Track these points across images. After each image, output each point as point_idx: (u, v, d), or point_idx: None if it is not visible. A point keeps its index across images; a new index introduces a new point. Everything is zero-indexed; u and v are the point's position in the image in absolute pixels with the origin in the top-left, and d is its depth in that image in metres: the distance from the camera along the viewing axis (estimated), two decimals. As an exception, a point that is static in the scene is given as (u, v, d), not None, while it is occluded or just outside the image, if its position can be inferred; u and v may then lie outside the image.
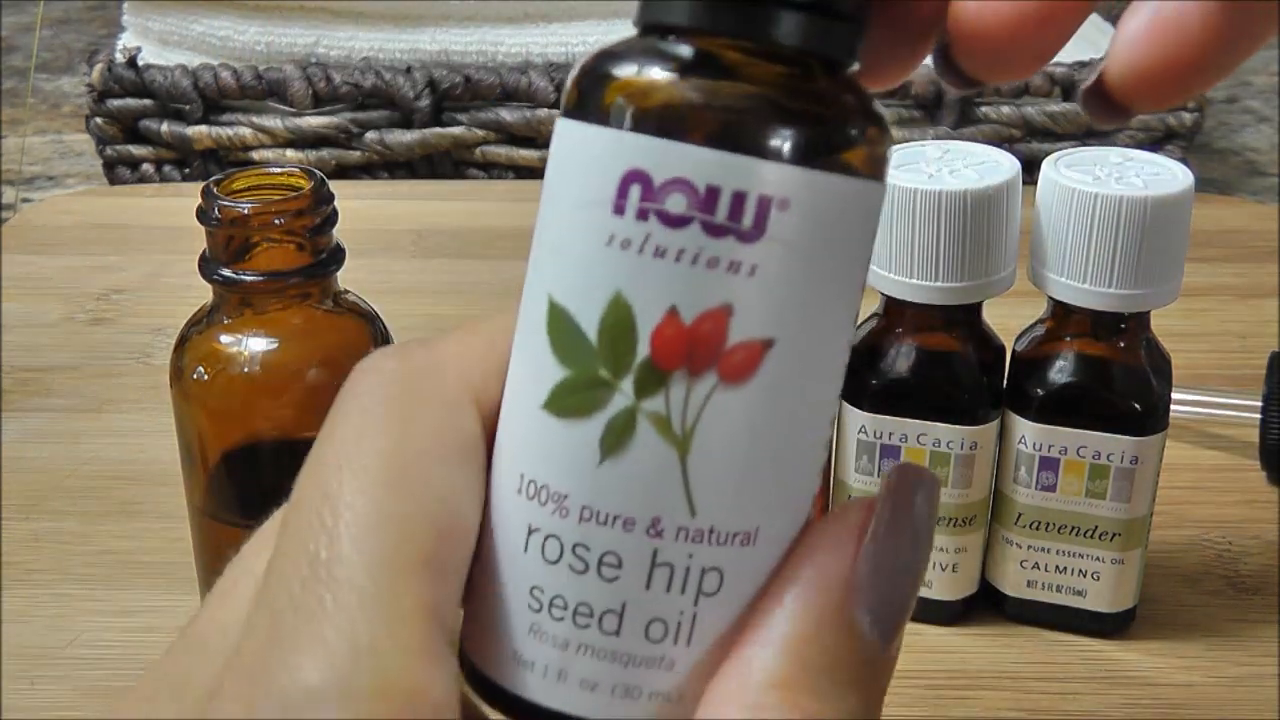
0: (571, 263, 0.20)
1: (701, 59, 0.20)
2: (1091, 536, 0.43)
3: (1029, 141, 0.81)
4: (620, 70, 0.20)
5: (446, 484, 0.21)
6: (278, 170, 0.38)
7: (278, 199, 0.37)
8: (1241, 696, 0.42)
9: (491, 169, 0.84)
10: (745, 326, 0.20)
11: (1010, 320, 0.44)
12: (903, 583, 0.21)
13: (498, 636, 0.21)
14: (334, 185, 0.38)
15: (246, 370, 0.38)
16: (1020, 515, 0.43)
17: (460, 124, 0.83)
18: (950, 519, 0.43)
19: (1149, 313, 0.42)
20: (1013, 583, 0.44)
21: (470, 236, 0.75)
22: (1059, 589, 0.44)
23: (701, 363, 0.20)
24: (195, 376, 0.38)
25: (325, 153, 0.83)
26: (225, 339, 0.38)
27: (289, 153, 0.83)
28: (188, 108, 0.83)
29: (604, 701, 0.21)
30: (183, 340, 0.39)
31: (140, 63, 0.84)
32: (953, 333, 0.42)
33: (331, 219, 0.38)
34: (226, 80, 0.82)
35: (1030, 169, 0.41)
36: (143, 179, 0.86)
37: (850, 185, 0.20)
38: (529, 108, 0.82)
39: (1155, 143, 0.82)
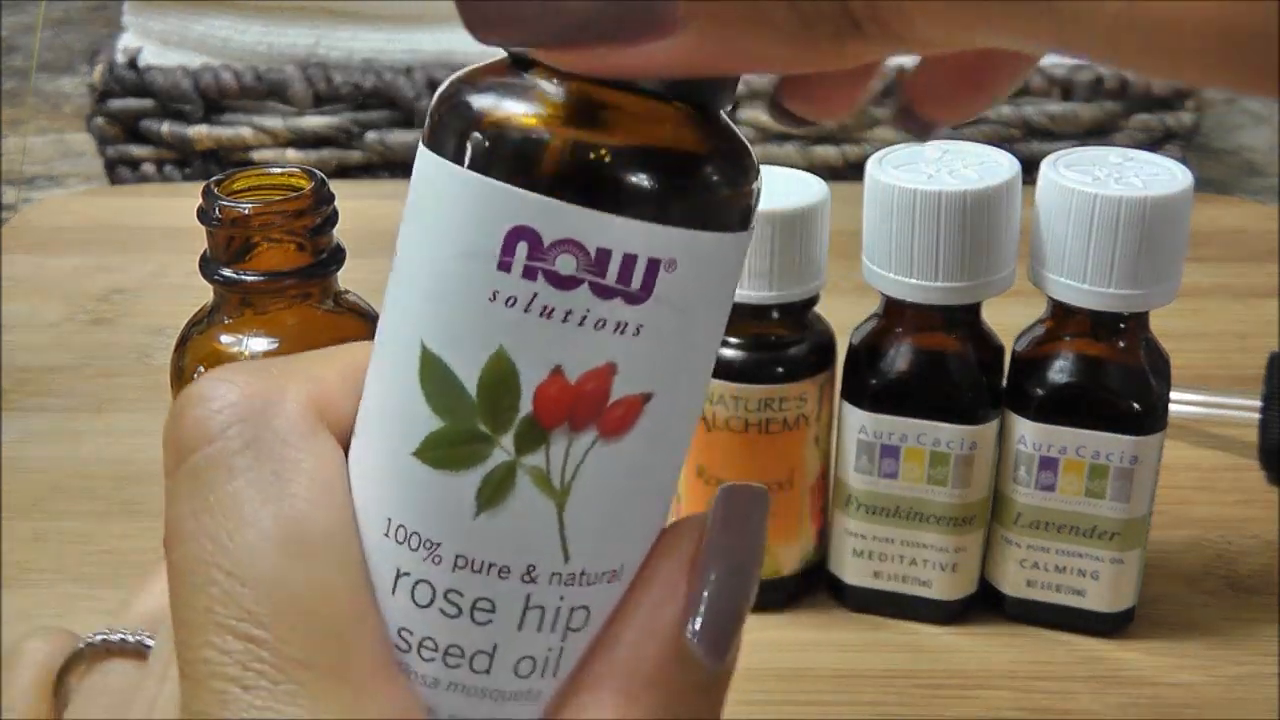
0: (448, 313, 0.20)
1: (581, 103, 0.19)
2: (1091, 536, 0.43)
3: (1028, 141, 0.81)
4: (496, 109, 0.19)
5: (335, 525, 0.21)
6: (278, 170, 0.38)
7: (278, 199, 0.37)
8: (1240, 696, 0.42)
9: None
10: (627, 383, 0.20)
11: (1010, 320, 0.44)
12: (732, 600, 0.21)
13: None
14: (334, 185, 0.38)
15: (247, 370, 0.38)
16: (1020, 515, 0.43)
17: (460, 124, 0.83)
18: (950, 519, 0.43)
19: (1148, 313, 0.42)
20: (1012, 582, 0.44)
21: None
22: (1058, 589, 0.44)
23: (583, 420, 0.20)
24: (196, 376, 0.38)
25: (326, 153, 0.83)
26: (226, 339, 0.38)
27: (290, 153, 0.83)
28: (188, 108, 0.83)
29: None
30: (183, 340, 0.39)
31: (141, 63, 0.84)
32: (952, 333, 0.42)
33: (332, 219, 0.38)
34: (227, 81, 0.82)
35: (1030, 169, 0.41)
36: (143, 179, 0.86)
37: (731, 239, 0.20)
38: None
39: (1154, 143, 0.82)
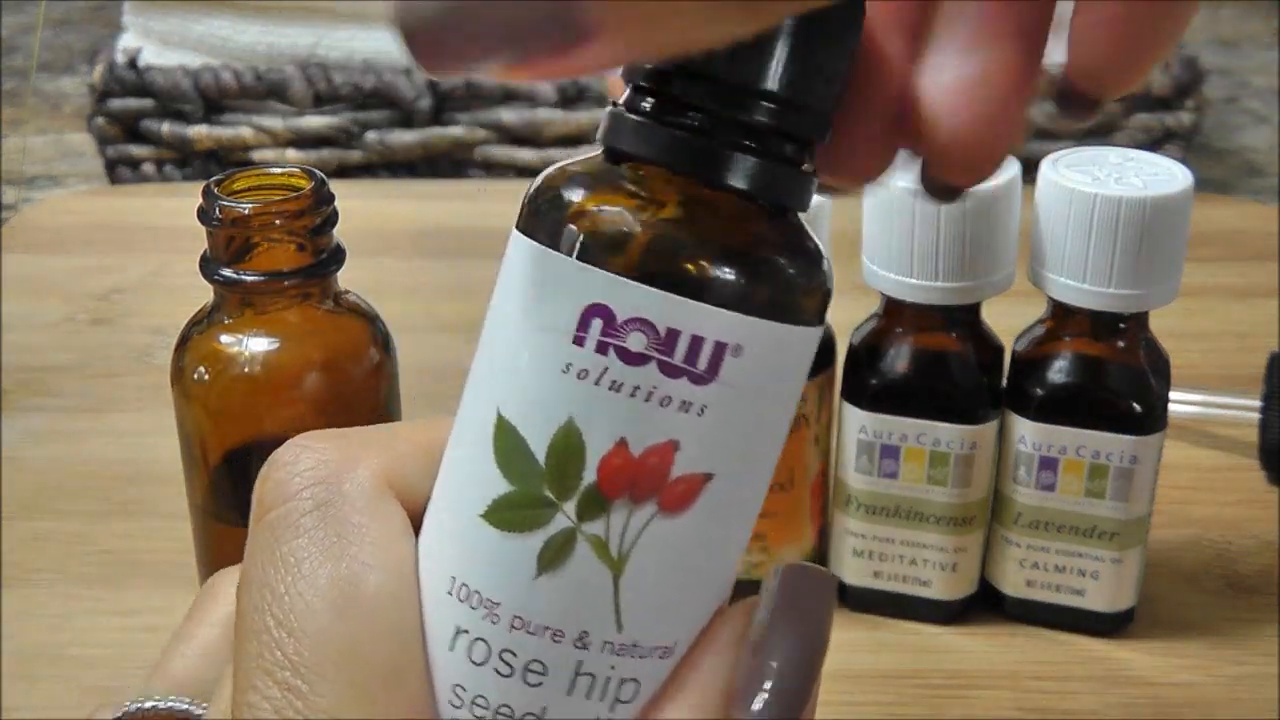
0: (525, 383, 0.21)
1: (664, 197, 0.21)
2: (1091, 536, 0.43)
3: (1028, 141, 0.81)
4: (582, 198, 0.21)
5: (390, 587, 0.22)
6: (278, 170, 0.38)
7: (278, 199, 0.37)
8: (1241, 696, 0.42)
9: (491, 169, 0.84)
10: (689, 461, 0.21)
11: (1010, 320, 0.44)
12: (792, 682, 0.21)
13: None
14: (334, 185, 0.38)
15: (247, 370, 0.38)
16: (1020, 515, 0.43)
17: (460, 124, 0.83)
18: (950, 519, 0.43)
19: (1148, 313, 0.42)
20: (1012, 582, 0.44)
21: (470, 236, 0.75)
22: (1058, 588, 0.44)
23: (644, 493, 0.21)
24: (196, 376, 0.38)
25: (326, 153, 0.83)
26: (226, 339, 0.38)
27: (290, 153, 0.83)
28: (188, 108, 0.83)
29: None
30: (184, 340, 0.39)
31: (141, 63, 0.84)
32: (952, 332, 0.42)
33: (332, 219, 0.38)
34: (227, 81, 0.82)
35: (1029, 169, 0.41)
36: (143, 179, 0.86)
37: (798, 334, 0.21)
38: (529, 108, 0.82)
39: (1155, 143, 0.82)
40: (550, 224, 0.21)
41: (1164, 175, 0.40)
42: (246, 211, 0.36)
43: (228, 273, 0.37)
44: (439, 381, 0.35)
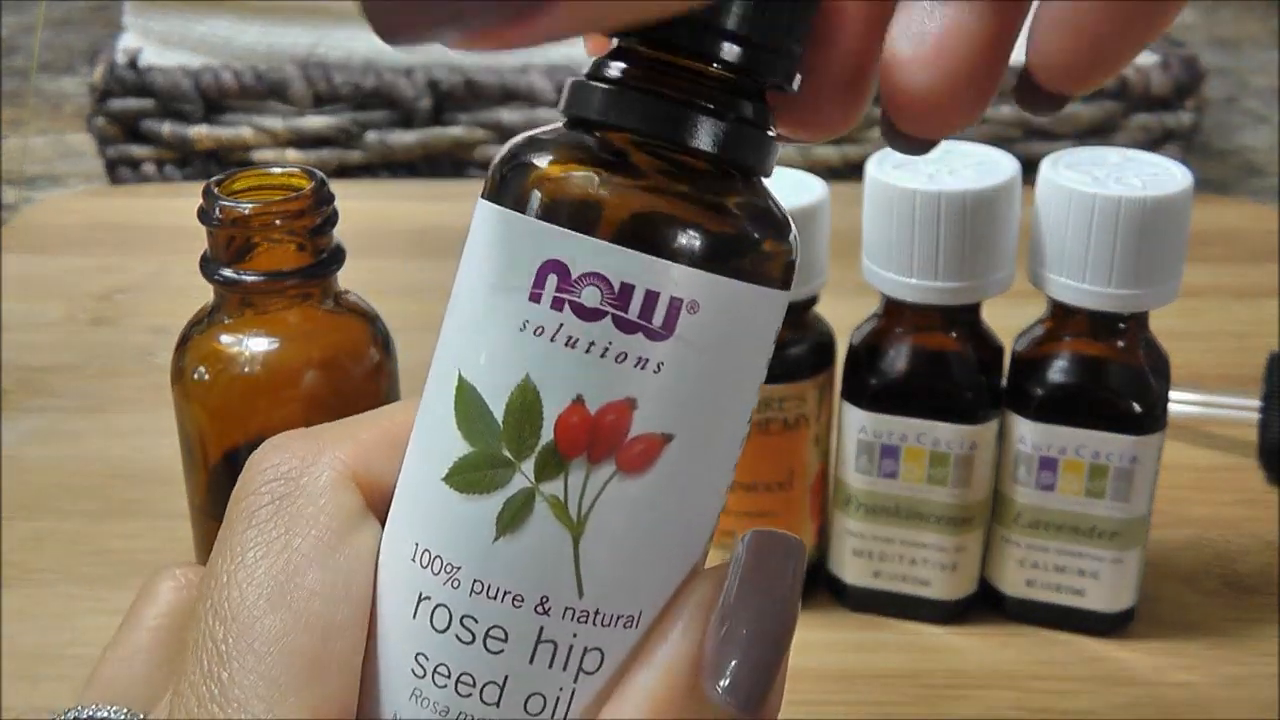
0: (484, 343, 0.21)
1: (620, 157, 0.21)
2: (1090, 536, 0.43)
3: (1028, 141, 0.81)
4: (542, 161, 0.21)
5: (326, 580, 0.22)
6: (278, 170, 0.38)
7: (278, 199, 0.37)
8: (1240, 696, 0.42)
9: (492, 169, 0.84)
10: (647, 420, 0.21)
11: (1010, 320, 0.44)
12: (762, 651, 0.21)
13: (381, 699, 0.22)
14: (334, 185, 0.38)
15: (247, 370, 0.38)
16: (1019, 515, 0.43)
17: (460, 124, 0.83)
18: (950, 519, 0.43)
19: (1148, 313, 0.42)
20: (1012, 582, 0.44)
21: (470, 237, 0.75)
22: (1058, 588, 0.44)
23: (601, 452, 0.21)
24: (196, 376, 0.38)
25: (326, 153, 0.83)
26: (226, 339, 0.38)
27: (290, 153, 0.83)
28: (189, 108, 0.83)
29: None
30: (184, 340, 0.39)
31: (141, 63, 0.84)
32: (952, 333, 0.42)
33: (332, 219, 0.38)
34: (227, 81, 0.82)
35: (1029, 169, 0.41)
36: (144, 179, 0.86)
37: (756, 293, 0.21)
38: (529, 108, 0.82)
39: (1154, 143, 0.82)
40: (514, 188, 0.21)
41: (1164, 175, 0.40)
42: (247, 211, 0.36)
43: (228, 273, 0.37)
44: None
